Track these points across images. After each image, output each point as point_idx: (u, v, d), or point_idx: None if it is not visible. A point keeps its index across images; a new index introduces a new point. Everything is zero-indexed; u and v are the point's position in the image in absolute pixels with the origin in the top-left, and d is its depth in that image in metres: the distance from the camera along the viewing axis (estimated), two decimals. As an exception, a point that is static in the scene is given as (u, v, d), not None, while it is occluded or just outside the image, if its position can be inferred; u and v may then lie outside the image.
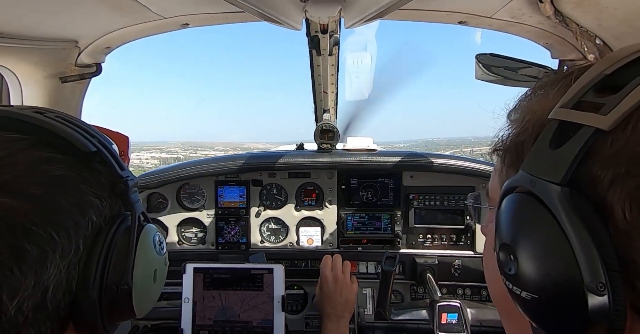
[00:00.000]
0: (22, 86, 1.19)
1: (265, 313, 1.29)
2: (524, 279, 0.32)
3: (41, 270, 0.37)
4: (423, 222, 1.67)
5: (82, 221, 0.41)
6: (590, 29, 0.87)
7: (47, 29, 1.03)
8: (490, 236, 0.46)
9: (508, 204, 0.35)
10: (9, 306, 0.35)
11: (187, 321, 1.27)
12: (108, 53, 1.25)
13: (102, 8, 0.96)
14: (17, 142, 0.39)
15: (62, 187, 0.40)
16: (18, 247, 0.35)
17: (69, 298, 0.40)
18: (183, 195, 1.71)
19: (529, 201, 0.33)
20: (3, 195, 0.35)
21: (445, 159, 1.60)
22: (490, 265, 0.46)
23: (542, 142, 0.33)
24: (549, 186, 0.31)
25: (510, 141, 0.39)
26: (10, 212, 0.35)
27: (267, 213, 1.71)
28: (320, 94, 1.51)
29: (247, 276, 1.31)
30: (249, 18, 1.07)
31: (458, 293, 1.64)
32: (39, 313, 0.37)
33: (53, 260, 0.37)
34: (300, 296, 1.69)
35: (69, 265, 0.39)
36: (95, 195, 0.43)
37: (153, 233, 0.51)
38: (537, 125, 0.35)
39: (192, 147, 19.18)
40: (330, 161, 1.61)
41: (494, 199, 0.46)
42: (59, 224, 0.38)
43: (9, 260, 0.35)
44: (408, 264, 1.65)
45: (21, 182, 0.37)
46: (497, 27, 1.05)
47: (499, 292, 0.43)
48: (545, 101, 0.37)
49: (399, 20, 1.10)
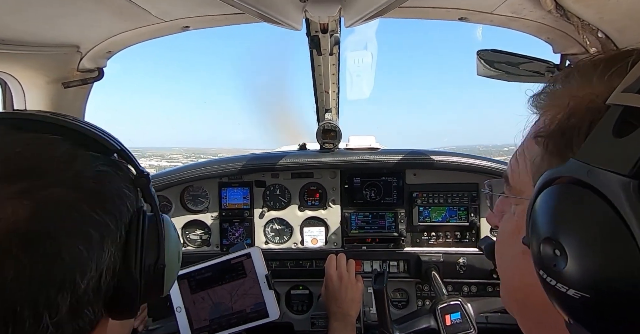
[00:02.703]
0: (25, 92, 1.20)
1: (256, 297, 1.30)
2: (574, 277, 0.30)
3: (100, 253, 0.42)
4: (427, 220, 1.67)
5: (123, 210, 0.46)
6: (592, 22, 0.86)
7: (49, 34, 1.03)
8: (509, 225, 0.45)
9: (553, 196, 0.33)
10: (81, 285, 0.39)
11: (185, 329, 1.28)
12: (110, 57, 1.25)
13: (102, 13, 0.96)
14: (62, 143, 0.44)
15: (107, 180, 0.46)
16: (87, 232, 0.41)
17: (115, 281, 0.45)
18: (187, 197, 1.71)
19: (583, 193, 0.30)
20: (69, 188, 0.41)
21: (448, 156, 1.59)
22: (507, 254, 0.45)
23: (602, 129, 0.30)
24: (613, 177, 0.28)
25: (557, 126, 0.36)
26: (78, 201, 0.41)
27: (270, 214, 1.72)
28: (322, 94, 1.51)
29: (228, 268, 1.32)
30: (248, 19, 1.07)
31: (464, 290, 1.64)
32: (96, 294, 0.42)
33: (107, 245, 0.43)
34: (306, 296, 1.69)
35: (116, 250, 0.44)
36: (127, 188, 0.48)
37: (170, 221, 0.59)
38: (591, 110, 0.32)
39: (194, 153, 19.18)
40: (333, 160, 1.61)
41: (517, 188, 0.43)
42: (111, 213, 0.44)
43: (81, 243, 0.40)
44: (413, 262, 1.65)
45: (80, 177, 0.43)
46: (498, 23, 1.05)
47: (520, 282, 0.42)
48: (589, 86, 0.35)
49: (399, 17, 1.10)
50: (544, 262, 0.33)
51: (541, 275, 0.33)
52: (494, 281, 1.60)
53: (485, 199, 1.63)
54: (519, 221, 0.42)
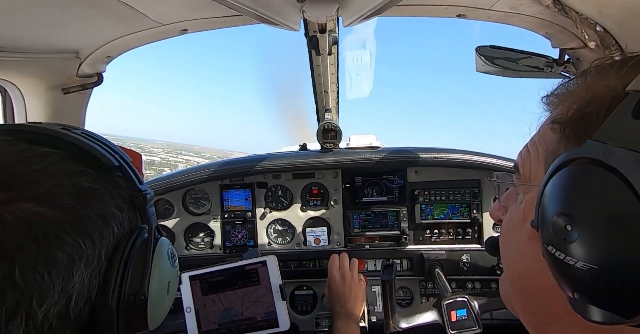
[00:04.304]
0: (25, 99, 1.20)
1: (267, 306, 1.29)
2: (585, 249, 0.31)
3: (68, 278, 0.38)
4: (429, 217, 1.67)
5: (106, 232, 0.43)
6: (590, 16, 0.86)
7: (48, 40, 1.04)
8: (516, 213, 0.46)
9: (568, 176, 0.34)
10: (38, 312, 0.36)
11: (192, 330, 1.28)
12: (109, 62, 1.25)
13: (101, 18, 0.96)
14: (51, 156, 0.42)
15: (90, 199, 0.42)
16: (50, 254, 0.37)
17: (88, 307, 0.41)
18: (189, 200, 1.71)
19: (599, 172, 0.31)
20: (39, 204, 0.37)
21: (449, 153, 1.59)
22: (512, 241, 0.45)
23: (621, 112, 0.32)
24: (632, 155, 0.30)
25: (575, 112, 0.38)
26: (45, 220, 0.37)
27: (273, 215, 1.72)
28: (322, 94, 1.51)
29: (242, 273, 1.31)
30: (246, 21, 1.07)
31: (467, 287, 1.64)
32: (62, 321, 0.38)
33: (79, 268, 0.39)
34: (310, 296, 1.69)
35: (91, 274, 0.41)
36: (117, 207, 0.45)
37: (167, 246, 0.53)
38: (610, 97, 0.34)
39: (176, 149, 18.96)
40: (334, 160, 1.61)
41: (527, 176, 0.45)
42: (86, 234, 0.40)
43: (42, 266, 0.36)
44: (416, 260, 1.65)
45: (55, 193, 0.39)
46: (497, 19, 1.05)
47: (524, 268, 0.43)
48: (605, 79, 0.37)
49: (397, 16, 1.10)
50: (553, 237, 0.34)
51: (549, 250, 0.35)
52: (497, 277, 1.60)
53: (488, 194, 1.63)
54: (527, 208, 0.43)
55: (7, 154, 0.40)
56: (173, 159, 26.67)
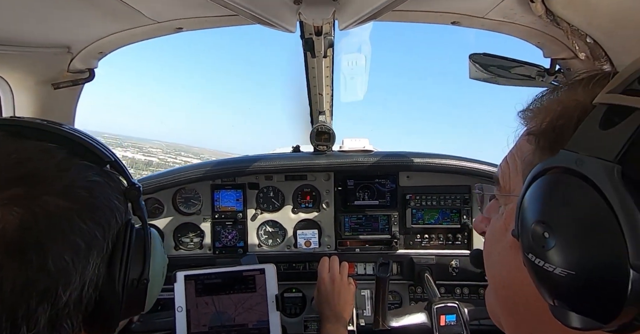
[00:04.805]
0: (14, 93, 1.17)
1: (260, 314, 1.28)
2: (562, 255, 0.32)
3: (85, 265, 0.41)
4: (420, 222, 1.68)
5: (113, 222, 0.46)
6: (580, 27, 0.88)
7: (39, 35, 1.02)
8: (497, 224, 0.47)
9: (544, 185, 0.36)
10: (63, 297, 0.39)
11: (181, 330, 1.25)
12: (101, 58, 1.24)
13: (94, 13, 0.95)
14: (57, 151, 0.44)
15: (98, 191, 0.45)
16: (74, 242, 0.40)
17: (96, 294, 0.44)
18: (179, 200, 1.70)
19: (571, 180, 0.33)
20: (60, 197, 0.41)
21: (442, 159, 1.60)
22: (495, 251, 0.46)
23: (589, 124, 0.34)
24: (600, 163, 0.31)
25: (548, 124, 0.40)
26: (68, 211, 0.41)
27: (264, 216, 1.71)
28: (316, 96, 1.51)
29: (239, 279, 1.30)
30: (242, 21, 1.07)
31: (456, 292, 1.64)
32: (77, 307, 0.41)
33: (92, 256, 0.42)
34: (299, 298, 1.68)
35: (100, 262, 0.44)
36: (117, 199, 0.48)
37: (157, 236, 0.58)
38: (579, 110, 0.37)
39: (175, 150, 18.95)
40: (327, 162, 1.61)
41: (507, 188, 0.46)
42: (99, 224, 0.44)
43: (68, 253, 0.39)
44: (406, 264, 1.66)
45: (73, 186, 0.43)
46: (490, 27, 1.06)
47: (507, 278, 0.44)
48: (574, 94, 0.39)
49: (393, 21, 1.11)
50: (533, 245, 0.35)
51: (530, 258, 0.36)
52: (486, 283, 1.61)
53: (477, 202, 1.64)
54: (508, 218, 0.45)
55: (20, 149, 0.42)
56: (172, 160, 26.43)
